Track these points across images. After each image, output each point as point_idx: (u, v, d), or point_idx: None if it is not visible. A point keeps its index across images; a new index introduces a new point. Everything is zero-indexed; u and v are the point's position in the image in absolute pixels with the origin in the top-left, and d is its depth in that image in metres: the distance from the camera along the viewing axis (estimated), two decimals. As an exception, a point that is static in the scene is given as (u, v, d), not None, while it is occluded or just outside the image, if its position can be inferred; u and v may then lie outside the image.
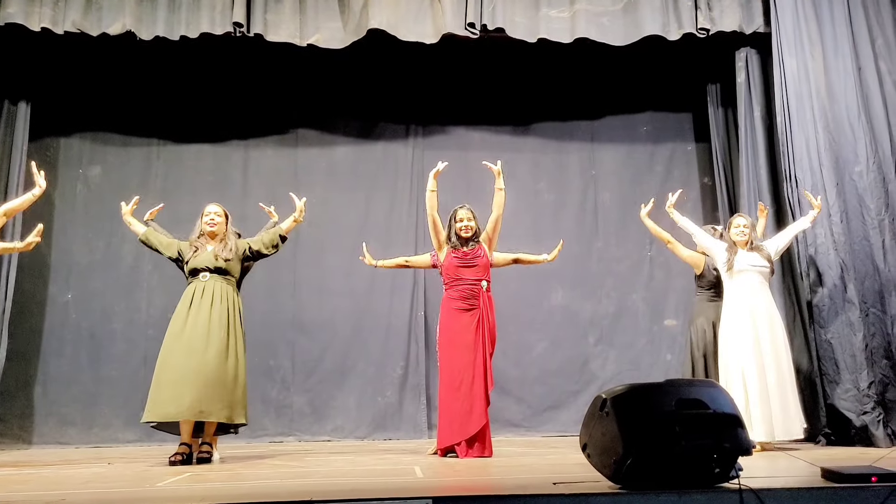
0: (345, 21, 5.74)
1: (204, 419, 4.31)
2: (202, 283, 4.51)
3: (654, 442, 2.65)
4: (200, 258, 4.55)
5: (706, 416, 2.72)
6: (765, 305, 4.75)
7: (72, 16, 5.50)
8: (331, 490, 2.91)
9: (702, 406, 2.74)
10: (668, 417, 2.68)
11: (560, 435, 6.03)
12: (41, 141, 6.26)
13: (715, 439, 2.66)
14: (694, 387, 2.88)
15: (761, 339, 4.66)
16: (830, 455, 4.23)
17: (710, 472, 2.66)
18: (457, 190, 6.47)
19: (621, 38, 5.83)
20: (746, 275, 4.76)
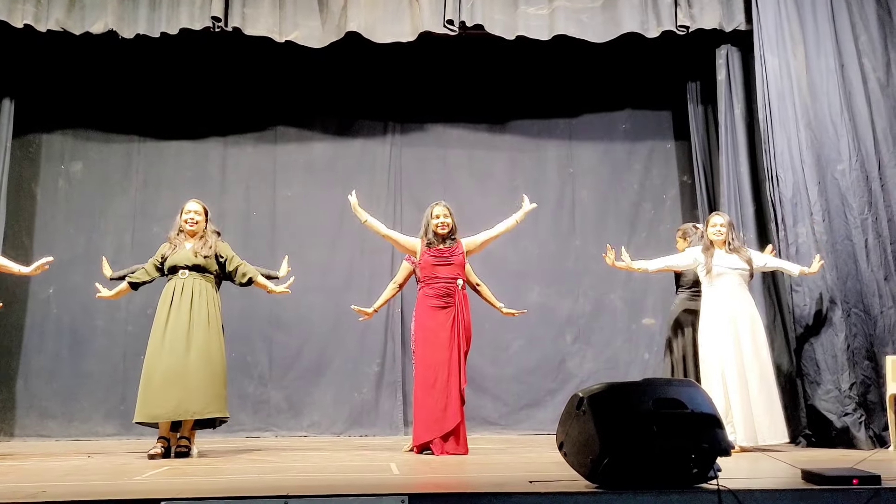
0: (323, 20, 5.77)
1: (189, 418, 4.39)
2: (181, 280, 4.54)
3: (632, 441, 2.63)
4: (179, 255, 4.58)
5: (684, 416, 2.70)
6: (745, 308, 4.69)
7: (55, 14, 5.54)
8: (307, 486, 2.92)
9: (680, 406, 2.73)
10: (645, 417, 2.67)
11: (537, 433, 6.04)
12: (24, 137, 6.33)
13: (693, 439, 2.66)
14: (672, 386, 2.87)
15: (742, 343, 4.61)
16: (811, 457, 4.22)
17: (689, 472, 2.65)
18: (433, 186, 6.48)
19: (600, 34, 5.83)
20: (725, 277, 4.70)
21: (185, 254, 4.56)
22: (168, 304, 4.50)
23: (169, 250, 4.62)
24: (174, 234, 4.68)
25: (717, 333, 4.64)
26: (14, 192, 6.16)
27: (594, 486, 2.67)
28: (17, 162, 6.22)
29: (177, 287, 4.52)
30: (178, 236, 4.65)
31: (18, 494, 2.68)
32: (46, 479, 3.39)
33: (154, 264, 4.63)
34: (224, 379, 4.54)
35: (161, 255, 4.64)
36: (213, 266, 4.61)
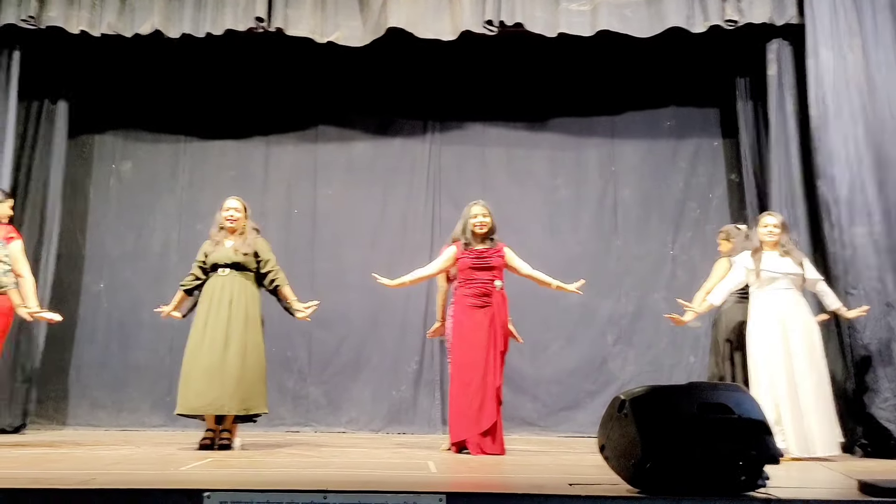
0: (364, 19, 5.81)
1: (225, 412, 4.50)
2: (221, 277, 4.64)
3: (675, 446, 2.57)
4: (219, 253, 4.68)
5: (731, 421, 2.62)
6: (799, 315, 4.50)
7: (107, 18, 5.74)
8: (346, 481, 2.96)
9: (727, 410, 2.64)
10: (689, 421, 2.60)
11: (577, 436, 5.95)
12: (78, 138, 6.55)
13: (740, 445, 2.57)
14: (718, 390, 2.78)
15: (794, 352, 4.41)
16: (867, 467, 4.06)
17: (735, 479, 2.57)
18: (472, 185, 6.47)
19: (644, 30, 5.71)
20: (777, 282, 4.51)
21: (226, 251, 4.67)
22: (208, 301, 4.61)
23: (210, 248, 4.71)
24: (215, 230, 4.79)
25: (767, 340, 4.45)
26: (69, 191, 6.39)
27: (636, 490, 2.61)
28: (72, 162, 6.45)
29: (216, 284, 4.62)
30: (219, 233, 4.76)
31: (70, 481, 2.81)
32: (96, 467, 3.53)
33: (199, 265, 4.74)
34: (262, 375, 4.62)
35: (203, 253, 4.74)
36: (251, 263, 4.69)
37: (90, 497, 2.45)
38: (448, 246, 4.81)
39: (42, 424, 6.06)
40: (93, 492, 2.49)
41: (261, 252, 4.72)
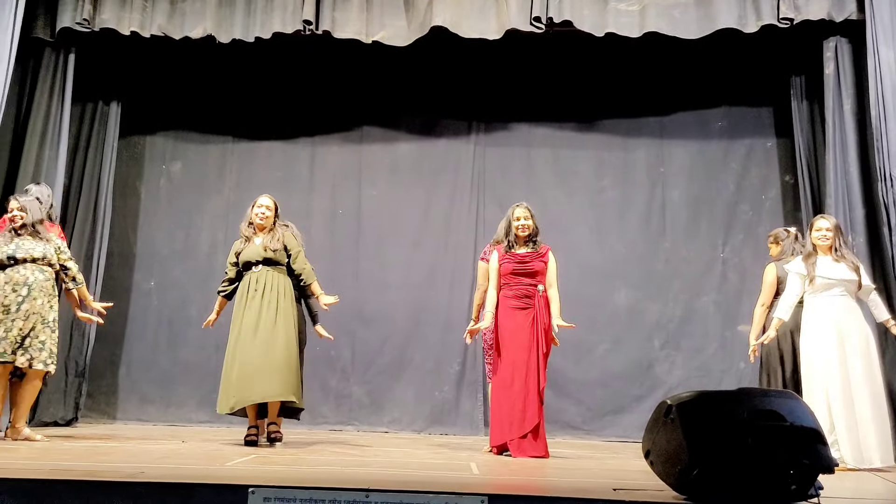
0: (409, 18, 5.82)
1: (267, 399, 4.52)
2: (255, 274, 4.70)
3: (724, 453, 2.51)
4: (250, 251, 4.74)
5: (783, 429, 2.55)
6: (855, 323, 4.32)
7: (158, 20, 5.86)
8: (388, 481, 2.96)
9: (778, 418, 2.57)
10: (739, 428, 2.53)
11: (621, 440, 5.86)
12: (129, 138, 6.70)
13: (792, 454, 2.50)
14: (770, 397, 2.71)
15: (850, 360, 4.23)
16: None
17: (787, 488, 2.49)
18: (517, 186, 6.43)
19: (693, 31, 5.61)
20: (832, 288, 4.34)
21: (256, 249, 4.72)
22: (242, 299, 4.67)
23: (240, 246, 4.78)
24: (245, 225, 4.82)
25: (822, 348, 4.27)
26: (120, 191, 6.54)
27: (682, 497, 2.55)
28: (123, 162, 6.60)
29: (250, 281, 4.67)
30: (249, 228, 4.80)
31: (120, 474, 2.85)
32: (145, 460, 3.60)
33: (231, 265, 4.80)
34: (295, 368, 4.60)
35: (234, 253, 4.80)
36: (283, 258, 4.74)
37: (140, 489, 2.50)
38: (490, 249, 4.78)
39: (93, 418, 6.21)
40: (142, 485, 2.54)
41: (290, 246, 4.76)
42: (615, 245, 6.39)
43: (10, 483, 2.52)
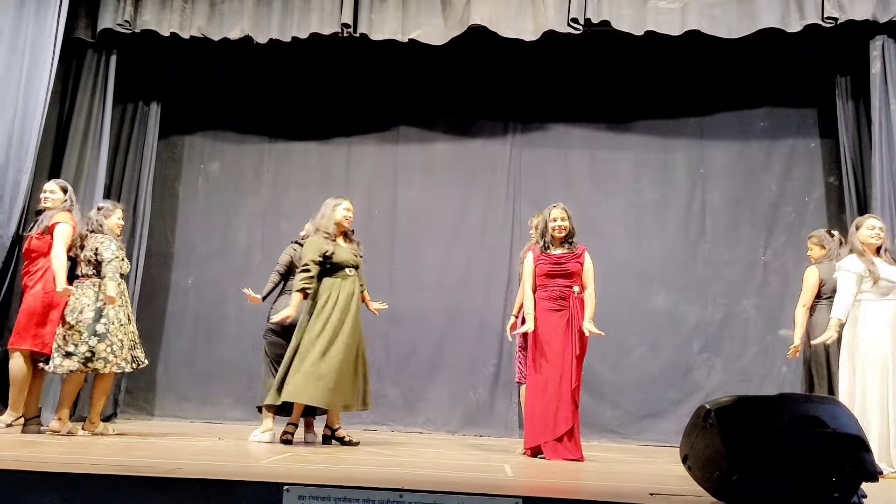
0: (446, 17, 5.83)
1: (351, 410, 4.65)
2: (349, 277, 4.67)
3: (764, 459, 2.45)
4: (344, 254, 4.70)
5: (825, 435, 2.49)
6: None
7: (197, 22, 5.94)
8: (422, 481, 2.94)
9: (821, 424, 2.51)
10: (779, 433, 2.47)
11: (658, 444, 5.78)
12: (168, 139, 6.79)
13: (834, 461, 2.43)
14: (812, 403, 2.65)
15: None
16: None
17: (829, 496, 2.42)
18: (554, 187, 6.39)
19: (734, 30, 5.53)
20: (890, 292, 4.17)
21: (348, 253, 4.71)
22: (332, 299, 4.58)
23: (329, 247, 4.66)
24: (330, 226, 4.72)
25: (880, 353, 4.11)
26: (159, 191, 6.64)
27: (720, 503, 2.49)
28: (163, 162, 6.70)
29: (343, 284, 4.62)
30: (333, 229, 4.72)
31: (158, 469, 2.89)
32: (182, 456, 3.63)
33: (315, 263, 4.61)
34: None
35: (322, 252, 4.63)
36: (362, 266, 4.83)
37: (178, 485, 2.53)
38: (525, 252, 4.76)
39: (132, 414, 6.31)
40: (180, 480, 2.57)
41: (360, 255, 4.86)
42: (653, 247, 6.31)
43: (52, 477, 2.56)
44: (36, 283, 4.72)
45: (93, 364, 4.57)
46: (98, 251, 4.65)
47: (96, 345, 4.56)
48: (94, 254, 4.65)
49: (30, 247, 4.77)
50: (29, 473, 2.57)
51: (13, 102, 5.43)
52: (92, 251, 4.66)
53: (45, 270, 4.70)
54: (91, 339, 4.56)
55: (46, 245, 4.70)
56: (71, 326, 4.55)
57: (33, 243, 4.75)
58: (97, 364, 4.58)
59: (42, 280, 4.70)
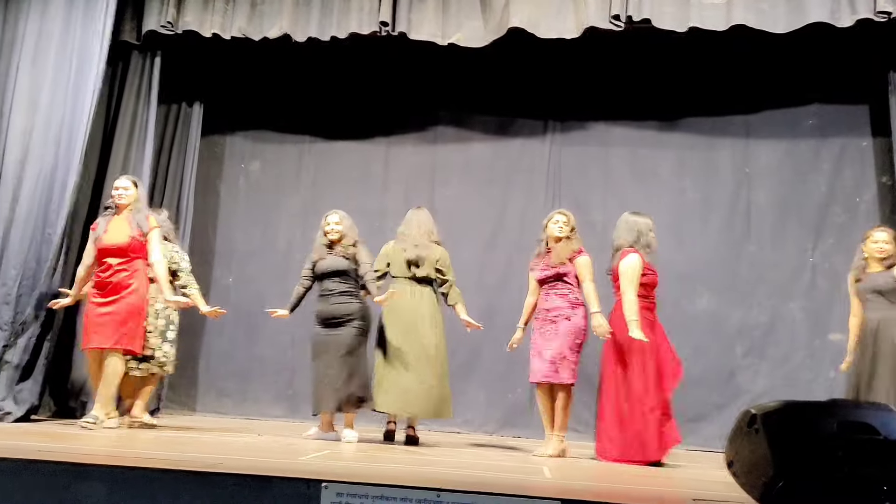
0: (486, 19, 5.77)
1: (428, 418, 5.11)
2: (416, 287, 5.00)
3: (811, 466, 2.38)
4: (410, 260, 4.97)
5: (876, 443, 2.40)
6: None
7: (238, 22, 5.98)
8: (460, 481, 2.95)
9: (871, 431, 2.42)
10: (828, 440, 2.39)
11: (702, 449, 5.65)
12: (210, 138, 6.88)
13: (885, 469, 2.34)
14: (862, 409, 2.57)
15: None
16: None
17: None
18: (594, 186, 6.32)
19: (782, 25, 5.36)
20: None
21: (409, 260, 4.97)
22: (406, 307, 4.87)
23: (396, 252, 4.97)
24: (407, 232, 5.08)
25: None
26: (201, 189, 6.72)
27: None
28: (204, 161, 6.78)
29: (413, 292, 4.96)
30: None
31: (199, 464, 2.94)
32: (223, 452, 3.70)
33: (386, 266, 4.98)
34: None
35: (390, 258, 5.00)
36: None
37: (218, 479, 2.57)
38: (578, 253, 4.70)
39: (174, 410, 6.40)
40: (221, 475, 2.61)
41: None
42: (696, 248, 6.18)
43: (98, 469, 2.64)
44: (139, 284, 4.77)
45: (166, 368, 5.02)
46: (173, 259, 5.03)
47: (168, 349, 5.00)
48: (169, 261, 4.98)
49: (130, 246, 4.74)
50: (77, 465, 2.65)
51: (62, 105, 5.55)
52: (167, 259, 4.96)
53: (141, 271, 4.78)
54: (164, 344, 4.99)
55: (144, 246, 4.79)
56: (149, 330, 4.90)
57: (134, 243, 4.75)
58: (168, 368, 5.03)
59: (142, 281, 4.79)
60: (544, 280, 4.64)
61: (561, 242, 4.62)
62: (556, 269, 4.60)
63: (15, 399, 5.05)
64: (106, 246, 4.74)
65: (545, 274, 4.63)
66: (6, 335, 5.14)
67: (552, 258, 4.60)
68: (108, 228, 4.77)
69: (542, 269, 4.66)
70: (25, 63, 5.62)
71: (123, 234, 4.74)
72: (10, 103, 5.56)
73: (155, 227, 4.83)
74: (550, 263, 4.61)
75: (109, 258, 4.72)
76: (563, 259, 4.59)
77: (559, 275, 4.59)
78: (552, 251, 4.62)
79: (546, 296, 4.62)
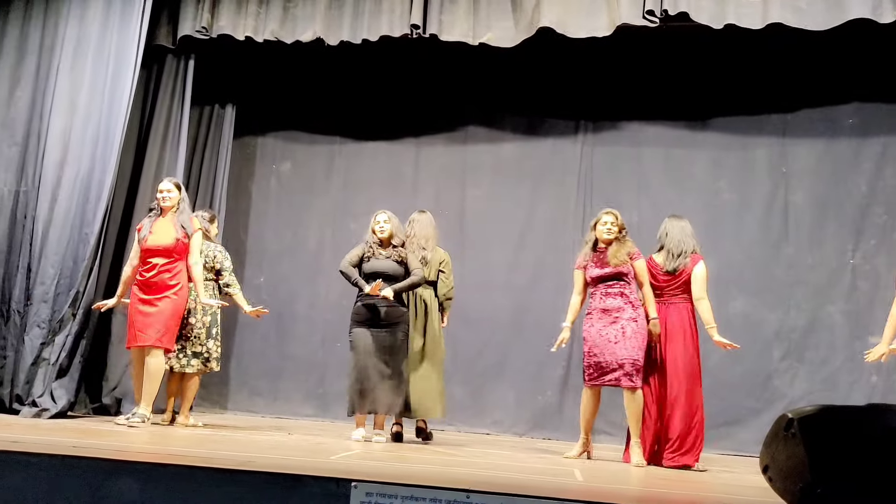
0: (516, 19, 5.74)
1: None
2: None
3: (850, 471, 2.29)
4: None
5: (917, 448, 2.30)
6: None
7: (271, 26, 6.01)
8: (489, 482, 2.95)
9: (912, 436, 2.32)
10: (870, 445, 2.31)
11: (737, 454, 5.57)
12: (242, 139, 6.94)
13: (930, 478, 2.25)
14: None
15: None
16: None
17: (923, 515, 2.25)
18: (626, 187, 6.25)
19: (821, 22, 5.22)
20: None
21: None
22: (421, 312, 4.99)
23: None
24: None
25: None
26: (233, 190, 6.79)
27: (802, 516, 2.36)
28: (236, 162, 6.85)
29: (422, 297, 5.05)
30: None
31: (231, 462, 2.97)
32: (254, 450, 3.72)
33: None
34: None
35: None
36: None
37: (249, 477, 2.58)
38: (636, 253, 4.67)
39: (206, 408, 6.45)
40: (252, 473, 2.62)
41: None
42: (732, 250, 6.06)
43: (131, 465, 2.67)
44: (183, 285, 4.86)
45: (210, 364, 5.12)
46: (216, 258, 5.15)
47: (213, 346, 5.11)
48: (212, 260, 5.13)
49: (175, 247, 4.83)
50: (111, 461, 2.69)
51: (99, 107, 5.65)
52: (209, 258, 5.12)
53: (184, 272, 4.88)
54: (208, 341, 5.11)
55: (187, 248, 4.89)
56: (195, 328, 5.04)
57: (179, 245, 4.84)
58: (213, 364, 5.14)
59: (185, 282, 4.89)
60: (599, 279, 4.55)
61: (615, 243, 4.56)
62: (616, 269, 4.51)
63: (52, 396, 5.14)
64: (151, 247, 4.83)
65: (602, 272, 4.53)
66: (44, 333, 5.25)
67: (610, 258, 4.53)
68: (153, 229, 4.88)
69: (597, 266, 4.56)
70: (65, 66, 5.73)
71: (169, 235, 4.84)
72: (50, 106, 5.67)
73: (198, 230, 4.94)
74: (608, 262, 4.53)
75: (154, 258, 4.83)
76: (623, 259, 4.52)
77: (619, 274, 4.51)
78: (607, 251, 4.55)
79: (603, 296, 4.53)
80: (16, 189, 5.65)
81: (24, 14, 5.93)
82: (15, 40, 5.89)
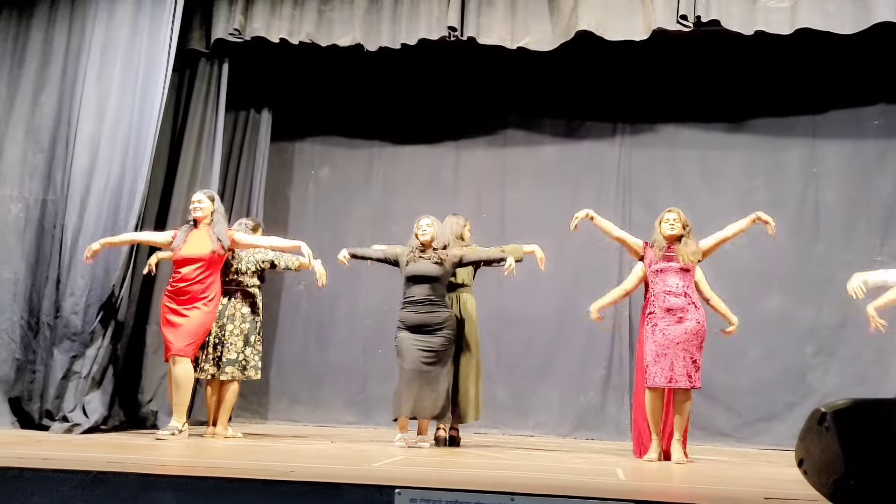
0: (554, 23, 5.78)
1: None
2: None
3: (883, 464, 2.44)
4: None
5: (951, 443, 2.44)
6: None
7: (306, 28, 5.93)
8: (533, 485, 2.96)
9: (944, 429, 2.47)
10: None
11: (774, 448, 5.69)
12: (280, 144, 6.91)
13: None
14: (934, 406, 2.60)
15: None
16: None
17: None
18: (664, 188, 6.34)
19: (849, 26, 5.33)
20: None
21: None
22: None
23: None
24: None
25: None
26: (271, 196, 6.73)
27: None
28: (274, 167, 6.79)
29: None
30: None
31: (272, 472, 2.94)
32: (295, 460, 3.69)
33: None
34: None
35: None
36: None
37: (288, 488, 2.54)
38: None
39: (246, 418, 6.38)
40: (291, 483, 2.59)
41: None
42: (765, 248, 6.15)
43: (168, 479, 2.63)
44: (214, 297, 4.85)
45: (248, 373, 4.94)
46: (259, 261, 5.10)
47: (251, 354, 4.94)
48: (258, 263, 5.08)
49: (210, 259, 4.80)
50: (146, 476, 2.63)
51: (129, 113, 5.47)
52: (253, 262, 5.07)
53: (216, 284, 4.87)
54: (246, 348, 4.94)
55: (222, 260, 4.89)
56: (233, 334, 4.91)
57: (214, 256, 4.81)
58: (251, 372, 4.96)
59: (217, 294, 4.88)
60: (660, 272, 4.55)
61: (682, 240, 4.59)
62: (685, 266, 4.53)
63: (84, 410, 4.94)
64: (185, 257, 4.77)
65: (668, 266, 4.53)
66: (75, 345, 5.05)
67: (679, 256, 4.54)
68: (187, 239, 4.83)
69: (665, 261, 4.56)
70: (92, 71, 5.52)
71: (205, 246, 4.79)
72: (78, 112, 5.47)
73: (236, 231, 4.96)
74: (677, 259, 4.54)
75: (187, 268, 4.77)
76: (693, 259, 4.55)
77: (684, 271, 4.53)
78: (677, 249, 4.57)
79: (664, 293, 4.50)
80: (42, 198, 5.43)
81: (49, 17, 5.69)
82: (39, 44, 5.65)
